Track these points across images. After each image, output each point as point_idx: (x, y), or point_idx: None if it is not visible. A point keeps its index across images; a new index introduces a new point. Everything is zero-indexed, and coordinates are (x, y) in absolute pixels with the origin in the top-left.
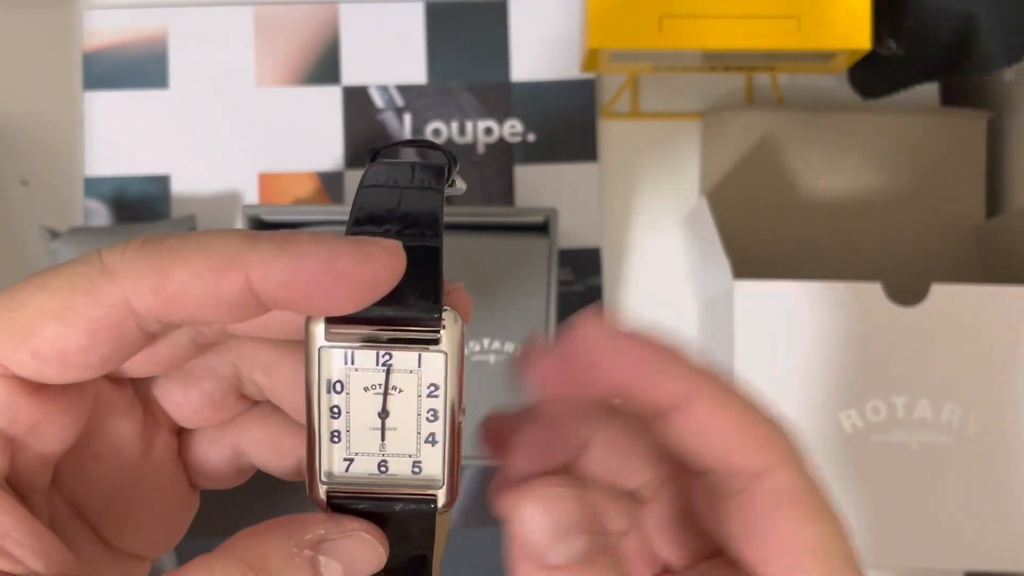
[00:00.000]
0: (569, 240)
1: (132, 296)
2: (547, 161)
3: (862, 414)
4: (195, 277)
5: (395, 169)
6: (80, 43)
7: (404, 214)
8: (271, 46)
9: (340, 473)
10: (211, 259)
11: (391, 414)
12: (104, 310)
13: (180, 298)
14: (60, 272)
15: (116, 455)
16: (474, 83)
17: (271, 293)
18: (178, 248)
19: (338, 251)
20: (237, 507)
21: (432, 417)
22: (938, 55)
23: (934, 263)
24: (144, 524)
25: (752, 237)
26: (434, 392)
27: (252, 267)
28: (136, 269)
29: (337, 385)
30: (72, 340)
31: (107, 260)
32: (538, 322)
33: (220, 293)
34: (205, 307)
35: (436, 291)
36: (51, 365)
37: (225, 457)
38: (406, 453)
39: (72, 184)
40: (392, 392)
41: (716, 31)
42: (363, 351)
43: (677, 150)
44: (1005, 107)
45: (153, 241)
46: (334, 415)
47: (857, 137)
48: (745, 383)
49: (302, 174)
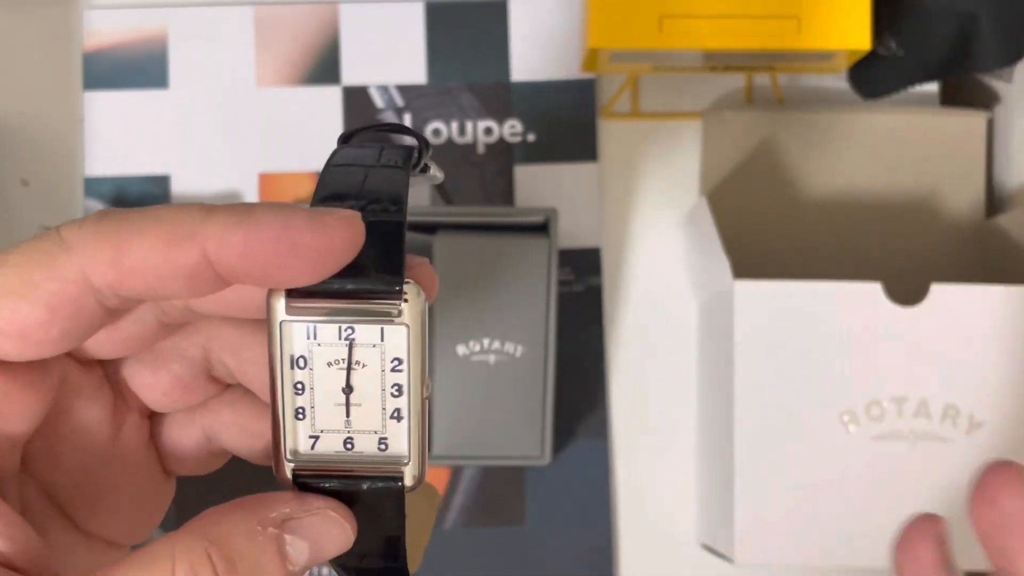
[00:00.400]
0: (569, 240)
1: (89, 269)
2: (547, 161)
3: (862, 414)
4: (151, 249)
5: (362, 151)
6: (80, 43)
7: (368, 191)
8: (271, 46)
9: (306, 451)
10: (167, 231)
11: (355, 389)
12: (62, 284)
13: (137, 271)
14: (19, 248)
15: (85, 437)
16: (474, 83)
17: (228, 264)
18: (135, 221)
19: (295, 221)
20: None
21: (396, 392)
22: (938, 55)
23: (934, 263)
24: (116, 509)
25: (752, 237)
26: (398, 367)
27: (208, 238)
28: (93, 242)
29: (300, 360)
30: (31, 315)
31: (65, 235)
32: (538, 322)
33: (176, 265)
34: (162, 280)
35: (398, 264)
36: (11, 341)
37: (196, 440)
38: (371, 429)
39: (72, 184)
40: (355, 367)
41: (716, 31)
42: (325, 325)
43: (677, 150)
44: (1005, 107)
45: (111, 215)
46: (298, 391)
47: (857, 137)
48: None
49: (302, 174)
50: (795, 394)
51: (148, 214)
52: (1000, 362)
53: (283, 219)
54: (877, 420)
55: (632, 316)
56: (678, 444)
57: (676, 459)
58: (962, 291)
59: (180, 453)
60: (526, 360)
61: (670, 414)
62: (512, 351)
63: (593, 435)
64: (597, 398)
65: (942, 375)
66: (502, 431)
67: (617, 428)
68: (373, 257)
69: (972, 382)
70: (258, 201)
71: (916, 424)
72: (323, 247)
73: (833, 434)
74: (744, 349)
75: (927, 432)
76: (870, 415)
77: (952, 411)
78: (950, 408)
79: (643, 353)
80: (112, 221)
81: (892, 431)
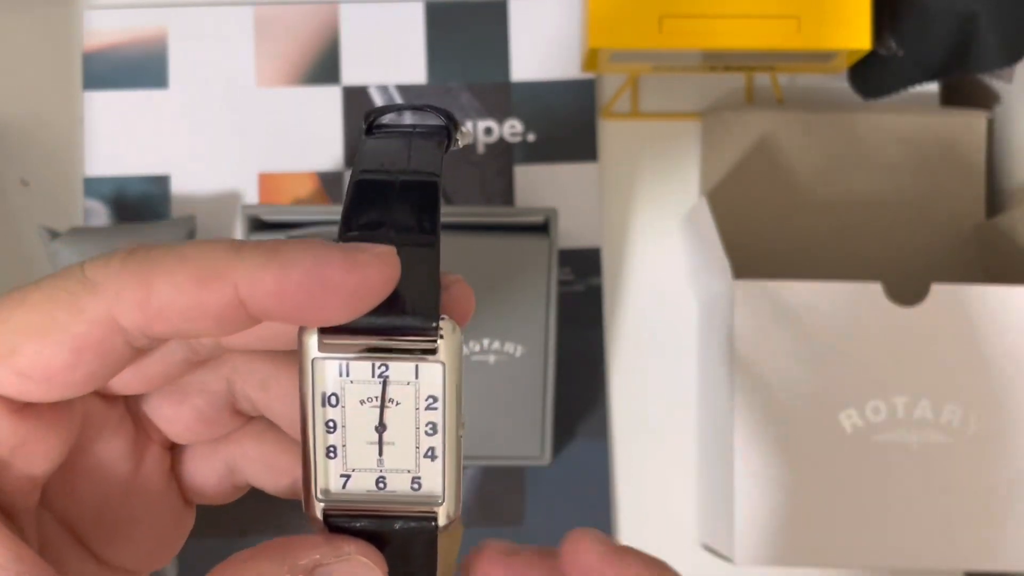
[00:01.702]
0: (569, 240)
1: (117, 311)
2: (547, 161)
3: (862, 414)
4: (180, 290)
5: (390, 147)
6: (80, 43)
7: (399, 209)
8: (271, 46)
9: (337, 490)
10: (196, 271)
11: (388, 428)
12: (88, 326)
13: (166, 312)
14: (41, 286)
15: (106, 471)
16: (474, 83)
17: (259, 304)
18: (162, 260)
19: (327, 259)
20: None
21: (431, 430)
22: (938, 55)
23: (934, 263)
24: (135, 539)
25: (752, 237)
26: (432, 404)
27: (239, 278)
28: (120, 282)
29: (332, 398)
30: (56, 357)
31: (90, 273)
32: (538, 322)
33: (207, 306)
34: (192, 320)
35: (433, 298)
36: (35, 383)
37: (218, 473)
38: (404, 468)
39: (72, 184)
40: (389, 405)
41: (716, 31)
42: (358, 362)
43: (677, 150)
44: (1005, 107)
45: (137, 253)
46: (330, 429)
47: (857, 137)
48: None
49: (302, 174)
50: (795, 394)
51: (175, 252)
52: (1000, 362)
53: (315, 257)
54: (877, 420)
55: (632, 316)
56: (678, 444)
57: (676, 459)
58: (962, 291)
59: (201, 485)
60: (526, 360)
61: (670, 414)
62: (512, 351)
63: (593, 435)
64: (597, 398)
65: (942, 375)
66: (502, 431)
67: (617, 428)
68: (407, 290)
69: (972, 382)
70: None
71: (916, 424)
72: (357, 286)
73: (833, 434)
74: (744, 349)
75: (927, 432)
76: (870, 415)
77: (952, 411)
78: (950, 408)
79: (643, 353)
80: (139, 260)
81: (892, 431)
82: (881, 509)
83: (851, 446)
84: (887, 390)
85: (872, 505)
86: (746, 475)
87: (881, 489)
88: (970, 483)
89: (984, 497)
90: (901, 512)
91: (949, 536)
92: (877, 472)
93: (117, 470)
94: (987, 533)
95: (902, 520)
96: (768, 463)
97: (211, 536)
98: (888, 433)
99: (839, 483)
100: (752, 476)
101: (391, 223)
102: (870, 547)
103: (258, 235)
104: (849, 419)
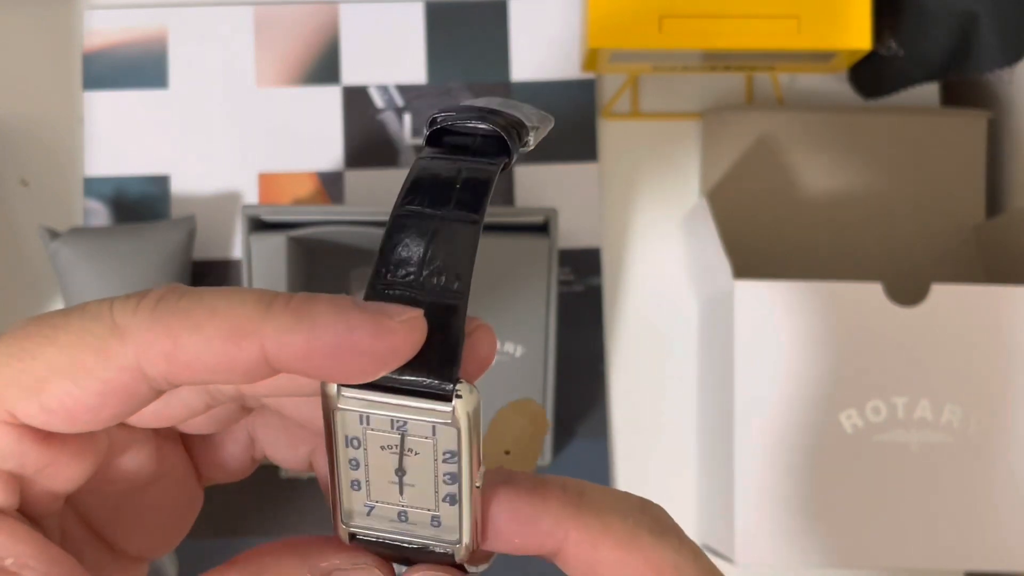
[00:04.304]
0: (569, 240)
1: (144, 360)
2: (547, 161)
3: (862, 414)
4: (208, 346)
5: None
6: (80, 43)
7: (432, 258)
8: (271, 46)
9: (361, 517)
10: (225, 327)
11: (408, 472)
12: (115, 373)
13: (192, 365)
14: (70, 325)
15: (128, 477)
16: (474, 83)
17: (286, 364)
18: (191, 312)
19: (356, 324)
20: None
21: (449, 480)
22: (938, 55)
23: (934, 263)
24: (151, 528)
25: (752, 237)
26: (450, 459)
27: (267, 337)
28: (149, 332)
29: (355, 441)
30: (81, 399)
31: (119, 319)
32: (538, 322)
33: (233, 362)
34: (217, 373)
35: (453, 359)
36: (59, 419)
37: (242, 445)
38: (425, 507)
39: (72, 184)
40: (408, 454)
41: (716, 31)
42: (378, 415)
43: (677, 150)
44: (1005, 107)
45: (168, 300)
46: (353, 467)
47: (857, 137)
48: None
49: (302, 174)
50: (795, 394)
51: (205, 304)
52: (1000, 362)
53: (345, 322)
54: (877, 420)
55: (632, 316)
56: (678, 444)
57: (676, 459)
58: (962, 291)
59: (224, 460)
60: (526, 360)
61: (670, 414)
62: (512, 351)
63: (593, 435)
64: (597, 398)
65: (942, 375)
66: None
67: (617, 428)
68: (429, 348)
69: (972, 382)
70: (316, 294)
71: (916, 424)
72: (385, 351)
73: (833, 434)
74: (744, 349)
75: (927, 432)
76: (870, 415)
77: (952, 411)
78: (950, 408)
79: (643, 353)
80: (169, 310)
81: (892, 431)
82: (881, 509)
83: (851, 446)
84: (887, 390)
85: (872, 505)
86: (746, 475)
87: (881, 489)
88: (970, 483)
89: (984, 497)
90: (901, 512)
91: (949, 536)
92: (877, 472)
93: (140, 474)
94: (987, 533)
95: (902, 520)
96: (768, 463)
97: (211, 536)
98: (888, 433)
99: (839, 483)
100: (752, 476)
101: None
102: (870, 547)
103: (258, 234)
104: (849, 419)
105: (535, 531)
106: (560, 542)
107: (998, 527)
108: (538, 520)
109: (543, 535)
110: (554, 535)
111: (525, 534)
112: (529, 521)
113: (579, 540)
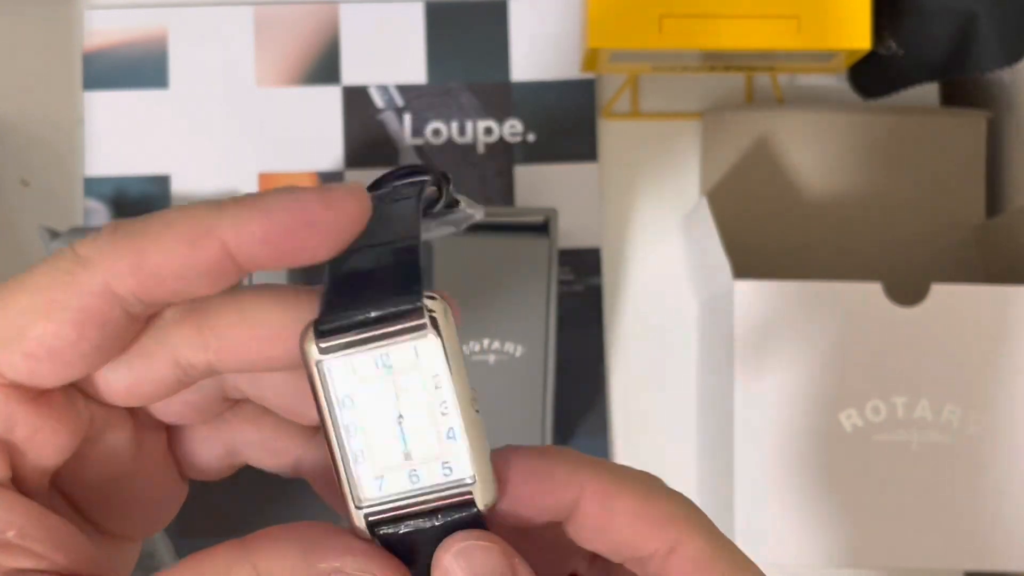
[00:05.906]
0: (569, 240)
1: (112, 280)
2: (547, 161)
3: (862, 414)
4: (171, 251)
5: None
6: (80, 43)
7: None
8: (271, 46)
9: (373, 494)
10: (183, 231)
11: (406, 417)
12: (86, 299)
13: (159, 274)
14: (37, 270)
15: (110, 459)
16: (474, 83)
17: (248, 253)
18: (148, 228)
19: (305, 200)
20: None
21: (445, 410)
22: (938, 55)
23: (934, 263)
24: (134, 513)
25: (752, 237)
26: (439, 383)
27: (225, 231)
28: (111, 254)
29: (346, 400)
30: (60, 334)
31: (81, 251)
32: (538, 322)
33: (198, 263)
34: (185, 279)
35: (416, 280)
36: (44, 364)
37: (218, 455)
38: (432, 455)
39: (72, 184)
40: (402, 395)
41: (716, 31)
42: (360, 356)
43: (677, 150)
44: (1005, 107)
45: (122, 225)
46: (351, 434)
47: (857, 137)
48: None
49: (302, 174)
50: (795, 394)
51: (159, 219)
52: (1000, 362)
53: (296, 201)
54: (877, 420)
55: (632, 316)
56: (678, 444)
57: (676, 459)
58: (962, 291)
59: (201, 465)
60: (526, 360)
61: (670, 414)
62: (512, 351)
63: (593, 434)
64: (597, 398)
65: (942, 375)
66: (502, 431)
67: (617, 428)
68: (392, 281)
69: (972, 382)
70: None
71: (916, 424)
72: (337, 220)
73: (833, 434)
74: (744, 349)
75: (927, 432)
76: (870, 415)
77: (952, 411)
78: (950, 408)
79: (643, 353)
80: (125, 231)
81: (892, 431)
82: (881, 509)
83: (851, 446)
84: (887, 390)
85: (872, 505)
86: (746, 475)
87: (881, 489)
88: (970, 483)
89: (984, 497)
90: (901, 512)
91: (949, 536)
92: (877, 472)
93: (121, 457)
94: (987, 533)
95: (902, 520)
96: (768, 463)
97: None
98: (888, 433)
99: (839, 483)
100: (752, 476)
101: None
102: (870, 547)
103: None
104: (849, 419)
105: (551, 486)
106: (576, 498)
107: (998, 527)
108: (552, 472)
109: (560, 488)
110: (570, 488)
111: (542, 491)
112: (545, 476)
113: (595, 492)
